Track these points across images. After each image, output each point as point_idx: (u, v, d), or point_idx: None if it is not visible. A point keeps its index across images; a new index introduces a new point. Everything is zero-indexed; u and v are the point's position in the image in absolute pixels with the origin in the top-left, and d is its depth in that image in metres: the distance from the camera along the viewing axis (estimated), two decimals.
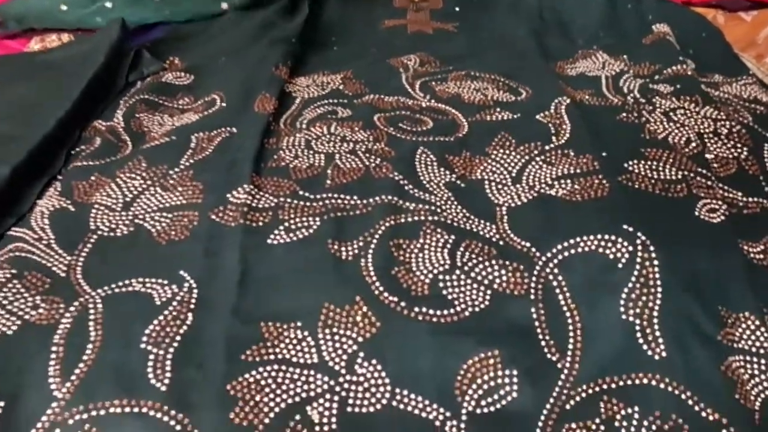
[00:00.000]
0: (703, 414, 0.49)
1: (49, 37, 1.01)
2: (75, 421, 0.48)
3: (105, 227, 0.62)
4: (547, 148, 0.68)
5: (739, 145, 0.68)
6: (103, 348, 0.52)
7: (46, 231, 0.61)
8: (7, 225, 0.64)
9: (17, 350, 0.52)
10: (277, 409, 0.49)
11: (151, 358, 0.52)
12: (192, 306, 0.55)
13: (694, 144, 0.67)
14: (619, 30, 0.97)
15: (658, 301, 0.53)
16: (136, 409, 0.49)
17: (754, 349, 0.53)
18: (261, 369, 0.51)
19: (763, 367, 0.52)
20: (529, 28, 0.98)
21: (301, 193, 0.64)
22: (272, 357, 0.52)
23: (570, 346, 0.53)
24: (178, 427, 0.48)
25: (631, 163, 0.64)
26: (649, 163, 0.64)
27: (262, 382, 0.50)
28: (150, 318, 0.54)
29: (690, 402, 0.50)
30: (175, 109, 0.82)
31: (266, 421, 0.49)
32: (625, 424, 0.49)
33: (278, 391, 0.50)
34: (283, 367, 0.51)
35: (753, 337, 0.53)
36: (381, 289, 0.55)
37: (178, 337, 0.53)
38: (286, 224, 0.60)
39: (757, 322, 0.54)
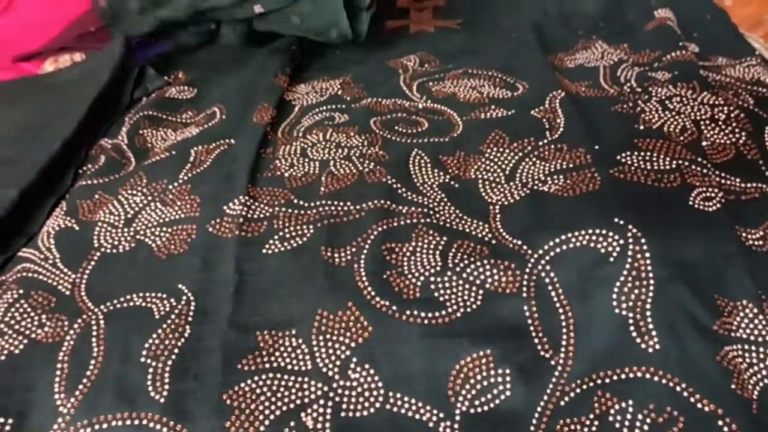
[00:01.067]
0: (699, 405, 0.49)
1: (63, 57, 1.04)
2: None
3: (108, 244, 0.64)
4: (540, 143, 0.68)
5: (737, 130, 0.67)
6: (105, 363, 0.54)
7: (52, 250, 0.63)
8: (17, 246, 0.66)
9: (24, 368, 0.54)
10: (272, 417, 0.50)
11: (150, 371, 0.53)
12: (190, 318, 0.56)
13: (689, 132, 0.66)
14: (621, 17, 0.96)
15: (650, 294, 0.53)
16: (136, 422, 0.50)
17: (752, 338, 0.52)
18: (257, 378, 0.52)
19: (761, 356, 0.51)
20: (531, 20, 0.98)
21: (295, 201, 0.65)
22: (267, 365, 0.53)
23: (563, 343, 0.53)
24: None
25: (624, 155, 0.63)
26: (642, 153, 0.63)
27: (258, 391, 0.52)
28: (150, 332, 0.55)
29: (685, 394, 0.49)
30: (178, 124, 0.84)
31: (261, 429, 0.50)
32: (619, 418, 0.49)
33: (273, 399, 0.51)
34: (278, 375, 0.52)
35: (751, 326, 0.53)
36: (373, 293, 0.56)
37: (176, 350, 0.54)
38: (281, 233, 0.62)
39: (756, 310, 0.53)
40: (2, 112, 0.91)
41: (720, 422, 0.48)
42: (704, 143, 0.65)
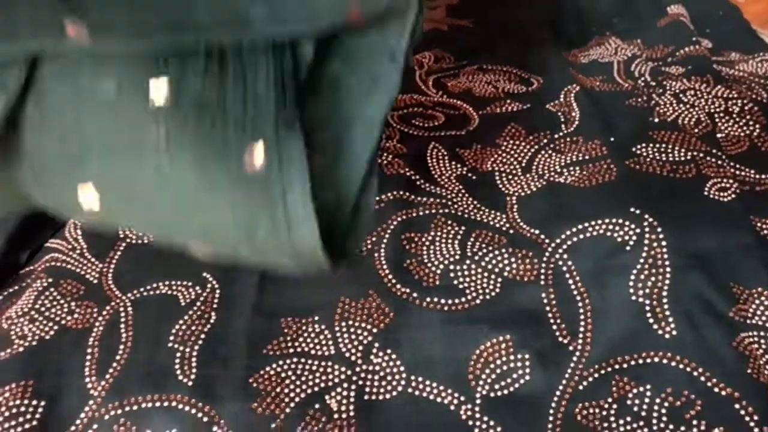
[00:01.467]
0: (716, 389, 0.50)
1: None
2: (110, 417, 0.52)
3: (133, 235, 0.65)
4: (556, 136, 0.69)
5: (751, 123, 0.67)
6: (133, 348, 0.55)
7: (79, 241, 0.65)
8: (45, 237, 0.68)
9: (55, 354, 0.56)
10: (297, 399, 0.52)
11: (178, 355, 0.55)
12: (215, 305, 0.58)
13: (704, 124, 0.67)
14: (634, 14, 0.97)
15: (666, 281, 0.54)
16: (165, 403, 0.52)
17: None
18: (281, 362, 0.54)
19: None
20: (545, 18, 0.99)
21: None
22: (292, 350, 0.54)
23: (581, 329, 0.54)
24: (205, 419, 0.51)
25: (639, 146, 0.64)
26: (657, 145, 0.64)
27: (283, 375, 0.53)
28: (176, 318, 0.57)
29: (702, 378, 0.50)
30: None
31: (287, 410, 0.51)
32: (637, 402, 0.50)
33: (298, 382, 0.53)
34: (303, 360, 0.54)
35: (767, 313, 0.53)
36: (393, 281, 0.57)
37: (202, 335, 0.56)
38: None
39: None
40: None
41: (737, 405, 0.49)
42: (719, 135, 0.66)
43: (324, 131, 0.38)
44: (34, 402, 0.53)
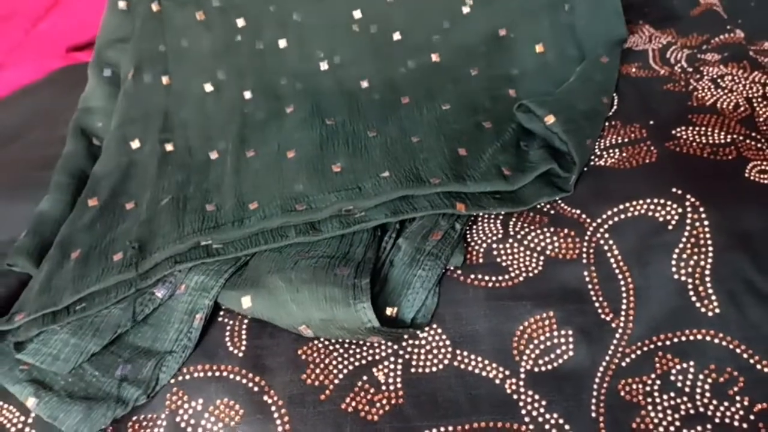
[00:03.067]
0: (758, 366, 0.51)
1: None
2: (165, 386, 0.53)
3: None
4: None
5: None
6: None
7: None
8: None
9: None
10: (345, 371, 0.53)
11: (228, 328, 0.56)
12: None
13: (742, 108, 0.67)
14: (666, 3, 0.97)
15: (709, 260, 0.55)
16: (217, 373, 0.53)
17: None
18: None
19: None
20: None
21: None
22: None
23: (623, 307, 0.54)
24: (256, 389, 0.52)
25: (678, 129, 0.65)
26: (697, 128, 0.65)
27: (330, 347, 0.54)
28: None
29: (745, 355, 0.51)
30: None
31: (336, 381, 0.52)
32: (681, 378, 0.51)
33: (345, 355, 0.54)
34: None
35: None
36: None
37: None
38: None
39: None
40: (62, 95, 0.95)
41: None
42: (757, 119, 0.66)
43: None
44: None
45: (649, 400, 0.51)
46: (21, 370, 0.55)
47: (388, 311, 0.55)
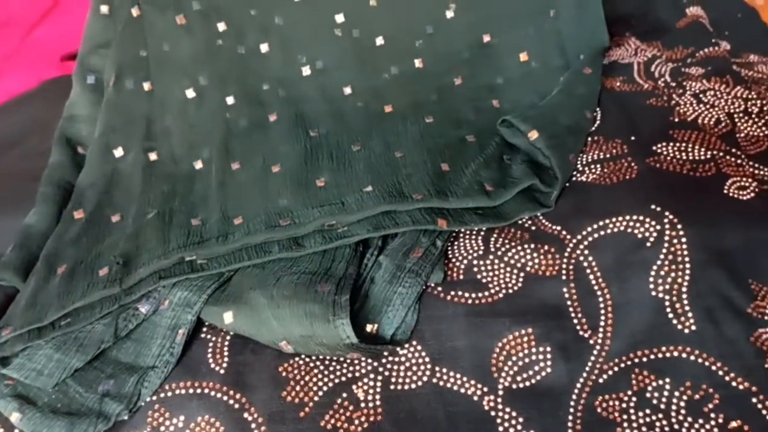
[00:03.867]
0: (734, 384, 0.51)
1: None
2: (146, 403, 0.54)
3: None
4: None
5: None
6: None
7: None
8: None
9: None
10: (325, 388, 0.53)
11: (210, 345, 0.57)
12: None
13: (723, 124, 0.68)
14: (653, 16, 0.98)
15: (687, 277, 0.55)
16: (198, 390, 0.54)
17: None
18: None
19: None
20: None
21: None
22: None
23: (601, 323, 0.55)
24: (236, 406, 0.53)
25: (659, 145, 0.66)
26: (677, 144, 0.65)
27: (311, 364, 0.55)
28: None
29: (720, 372, 0.52)
30: None
31: (315, 399, 0.53)
32: (656, 395, 0.52)
33: (326, 372, 0.54)
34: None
35: None
36: None
37: None
38: None
39: None
40: (53, 106, 0.96)
41: (754, 399, 0.50)
42: (738, 135, 0.67)
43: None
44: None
45: (625, 417, 0.51)
46: (6, 385, 0.56)
47: (369, 328, 0.56)
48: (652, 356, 0.53)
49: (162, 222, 0.64)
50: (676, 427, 0.50)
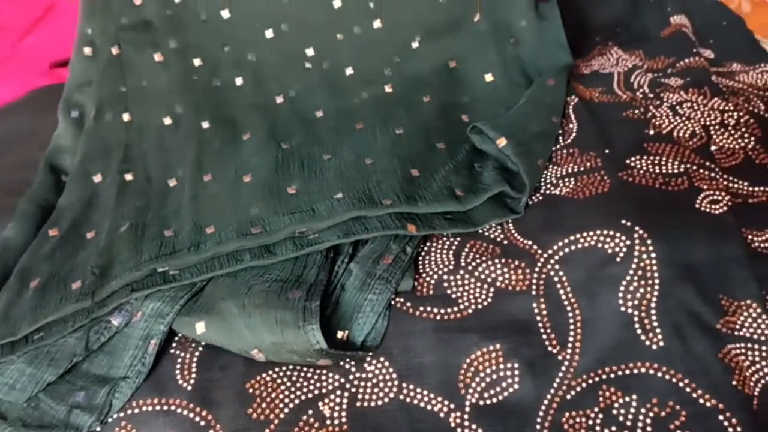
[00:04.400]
0: (701, 401, 0.51)
1: None
2: (113, 420, 0.54)
3: None
4: (553, 148, 0.70)
5: (746, 136, 0.68)
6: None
7: None
8: None
9: None
10: (291, 405, 0.53)
11: (179, 361, 0.57)
12: None
13: (698, 137, 0.68)
14: (638, 24, 0.98)
15: (655, 293, 0.55)
16: (165, 407, 0.54)
17: (755, 336, 0.54)
18: (277, 369, 0.56)
19: (764, 354, 0.53)
20: None
21: None
22: None
23: (570, 339, 0.55)
24: (202, 423, 0.53)
25: (633, 158, 0.65)
26: (651, 158, 0.65)
27: (278, 381, 0.55)
28: None
29: (687, 389, 0.51)
30: None
31: (281, 416, 0.53)
32: (623, 411, 0.52)
33: (293, 389, 0.54)
34: (298, 367, 0.56)
35: (755, 325, 0.54)
36: None
37: (203, 342, 0.58)
38: None
39: (759, 310, 0.55)
40: (40, 117, 0.96)
41: (720, 416, 0.50)
42: (713, 148, 0.67)
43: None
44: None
45: None
46: None
47: (339, 334, 0.56)
48: (620, 372, 0.53)
49: (135, 235, 0.65)
50: None
